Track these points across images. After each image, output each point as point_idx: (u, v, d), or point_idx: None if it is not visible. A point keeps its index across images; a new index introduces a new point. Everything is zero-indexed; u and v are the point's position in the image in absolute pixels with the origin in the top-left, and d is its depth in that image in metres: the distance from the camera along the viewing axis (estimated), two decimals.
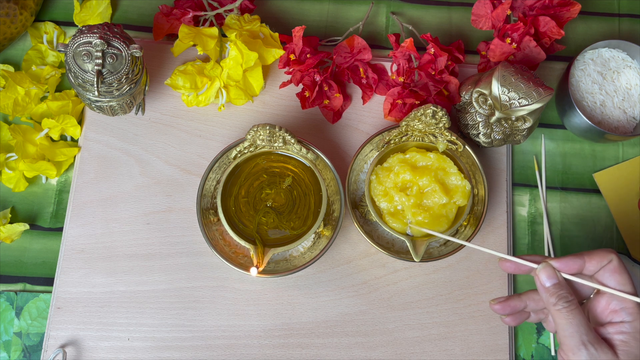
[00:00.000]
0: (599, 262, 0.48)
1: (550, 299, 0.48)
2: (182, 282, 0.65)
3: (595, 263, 0.48)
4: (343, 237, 0.67)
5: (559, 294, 0.47)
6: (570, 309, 0.47)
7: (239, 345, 0.64)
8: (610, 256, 0.48)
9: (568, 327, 0.46)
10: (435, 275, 0.66)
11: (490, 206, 0.68)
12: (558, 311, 0.47)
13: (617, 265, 0.48)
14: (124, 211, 0.67)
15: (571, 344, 0.46)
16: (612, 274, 0.48)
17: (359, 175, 0.67)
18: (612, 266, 0.48)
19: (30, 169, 0.65)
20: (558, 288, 0.48)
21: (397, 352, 0.64)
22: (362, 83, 0.70)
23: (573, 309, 0.47)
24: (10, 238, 0.65)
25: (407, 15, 0.76)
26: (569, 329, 0.46)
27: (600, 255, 0.48)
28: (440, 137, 0.65)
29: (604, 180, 0.70)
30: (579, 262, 0.48)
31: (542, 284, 0.49)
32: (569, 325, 0.46)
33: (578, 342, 0.45)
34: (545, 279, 0.48)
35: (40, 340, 0.64)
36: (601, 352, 0.45)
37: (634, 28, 0.76)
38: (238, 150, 0.64)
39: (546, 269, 0.49)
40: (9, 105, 0.67)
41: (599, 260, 0.48)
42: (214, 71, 0.67)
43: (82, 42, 0.57)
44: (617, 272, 0.48)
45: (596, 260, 0.48)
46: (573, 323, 0.46)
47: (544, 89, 0.60)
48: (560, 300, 0.47)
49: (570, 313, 0.46)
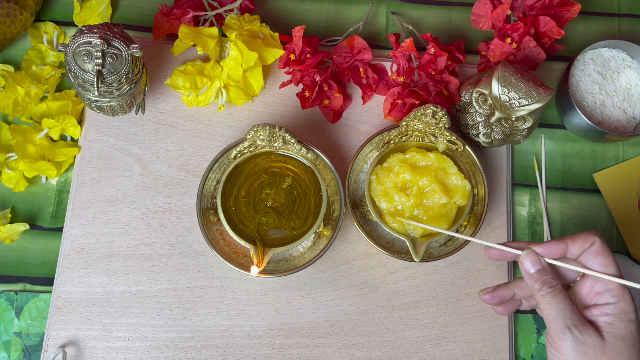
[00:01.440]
0: (581, 245, 0.48)
1: (534, 284, 0.48)
2: (182, 282, 0.65)
3: (578, 246, 0.48)
4: (343, 237, 0.67)
5: (542, 280, 0.48)
6: (554, 294, 0.47)
7: (239, 345, 0.64)
8: (593, 238, 0.48)
9: (552, 312, 0.46)
10: (435, 275, 0.66)
11: (490, 206, 0.68)
12: (542, 297, 0.47)
13: (600, 247, 0.47)
14: (124, 211, 0.67)
15: (556, 328, 0.46)
16: (595, 256, 0.48)
17: (359, 175, 0.67)
18: (594, 248, 0.48)
19: (30, 169, 0.65)
20: (542, 274, 0.48)
21: (397, 352, 0.64)
22: (362, 83, 0.70)
23: (557, 293, 0.47)
24: (10, 238, 0.65)
25: (407, 15, 0.76)
26: (554, 314, 0.46)
27: (583, 238, 0.48)
28: (440, 137, 0.65)
29: (604, 180, 0.70)
30: (561, 247, 0.49)
31: (527, 270, 0.49)
32: (553, 309, 0.46)
33: (563, 326, 0.46)
34: (529, 265, 0.49)
35: (40, 340, 0.64)
36: (586, 335, 0.45)
37: (634, 28, 0.76)
38: (238, 150, 0.64)
39: (529, 255, 0.49)
40: (9, 105, 0.67)
41: (582, 243, 0.48)
42: (214, 71, 0.67)
43: (82, 42, 0.57)
44: (600, 254, 0.47)
45: (579, 244, 0.48)
46: (557, 307, 0.46)
47: (544, 89, 0.60)
48: (544, 286, 0.47)
49: (554, 298, 0.47)
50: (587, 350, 0.45)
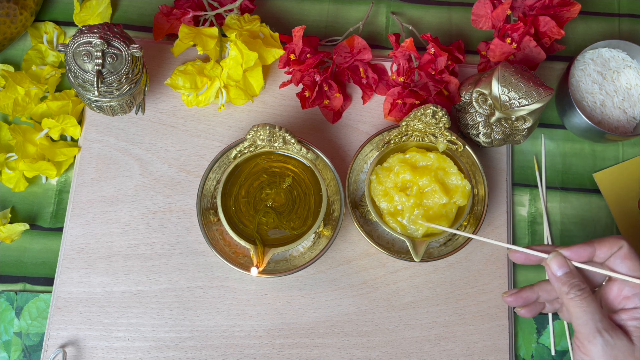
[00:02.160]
0: (609, 249, 0.48)
1: (562, 287, 0.47)
2: (182, 282, 0.65)
3: (605, 250, 0.48)
4: (343, 237, 0.67)
5: (571, 283, 0.47)
6: (583, 297, 0.46)
7: (239, 345, 0.64)
8: (621, 243, 0.47)
9: (582, 315, 0.46)
10: (435, 275, 0.66)
11: (490, 206, 0.68)
12: (571, 299, 0.47)
13: (628, 252, 0.47)
14: (124, 211, 0.67)
15: (586, 332, 0.45)
16: (623, 260, 0.47)
17: (359, 175, 0.67)
18: (622, 253, 0.47)
19: (30, 169, 0.65)
20: (570, 277, 0.48)
21: (397, 352, 0.64)
22: (362, 83, 0.70)
23: (586, 296, 0.46)
24: (10, 238, 0.65)
25: (407, 15, 0.76)
26: (583, 317, 0.46)
27: (611, 242, 0.48)
28: (440, 137, 0.65)
29: (604, 180, 0.70)
30: (589, 250, 0.48)
31: (554, 273, 0.48)
32: (583, 313, 0.46)
33: (593, 330, 0.45)
34: (556, 268, 0.48)
35: (40, 340, 0.64)
36: (616, 339, 0.45)
37: (634, 28, 0.76)
38: (238, 150, 0.64)
39: (557, 258, 0.48)
40: (9, 105, 0.67)
41: (610, 247, 0.48)
42: (214, 71, 0.67)
43: (82, 42, 0.57)
44: (628, 258, 0.47)
45: (607, 247, 0.48)
46: (587, 311, 0.46)
47: (544, 89, 0.60)
48: (573, 289, 0.47)
49: (583, 301, 0.46)
50: (617, 355, 0.45)
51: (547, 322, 0.66)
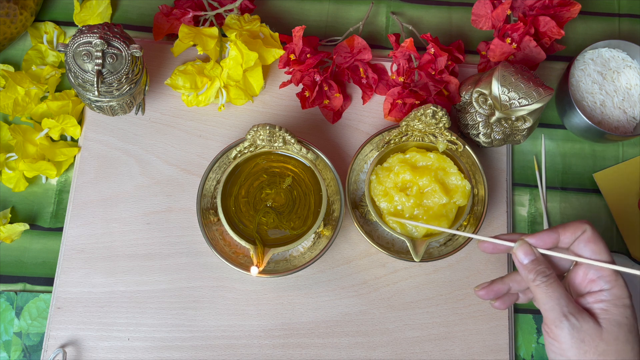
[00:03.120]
0: (573, 233, 0.48)
1: (529, 275, 0.48)
2: (182, 282, 0.65)
3: (569, 235, 0.48)
4: (343, 237, 0.67)
5: (537, 270, 0.48)
6: (548, 283, 0.47)
7: (239, 345, 0.64)
8: (584, 226, 0.48)
9: (548, 301, 0.47)
10: (435, 275, 0.66)
11: (490, 206, 0.68)
12: (537, 286, 0.47)
13: (591, 235, 0.48)
14: (124, 211, 0.67)
15: (552, 317, 0.46)
16: (586, 243, 0.48)
17: (359, 175, 0.67)
18: (586, 236, 0.48)
19: (30, 169, 0.65)
20: (536, 264, 0.48)
21: (397, 352, 0.64)
22: (362, 83, 0.70)
23: (551, 282, 0.47)
24: (10, 238, 0.65)
25: (407, 15, 0.76)
26: (549, 303, 0.46)
27: (574, 226, 0.48)
28: (440, 137, 0.65)
29: (604, 180, 0.70)
30: (553, 236, 0.49)
31: (520, 261, 0.49)
32: (548, 298, 0.47)
33: (559, 314, 0.46)
34: (522, 256, 0.49)
35: (40, 340, 0.64)
36: (583, 322, 0.45)
37: (634, 28, 0.76)
38: (238, 150, 0.64)
39: (522, 246, 0.49)
40: (9, 105, 0.67)
41: (573, 231, 0.48)
42: (214, 71, 0.67)
43: (82, 42, 0.57)
44: (592, 242, 0.48)
45: (570, 232, 0.48)
46: (553, 296, 0.46)
47: (544, 89, 0.60)
48: (539, 276, 0.47)
49: (549, 287, 0.47)
50: (584, 337, 0.45)
51: None
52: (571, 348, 0.45)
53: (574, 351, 0.45)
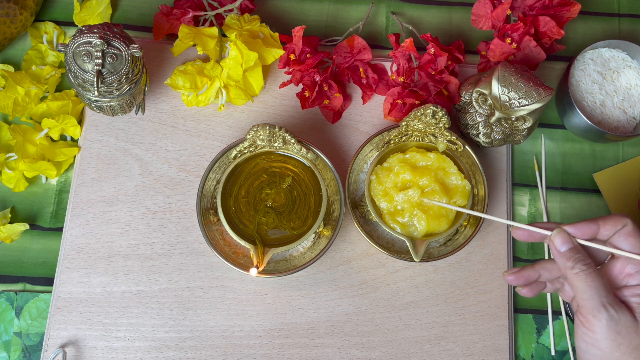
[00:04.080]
0: (613, 226, 0.48)
1: (567, 263, 0.47)
2: (182, 282, 0.65)
3: (609, 227, 0.48)
4: (343, 237, 0.67)
5: (575, 258, 0.47)
6: (588, 272, 0.46)
7: (239, 345, 0.64)
8: (625, 220, 0.47)
9: (587, 290, 0.46)
10: (435, 275, 0.66)
11: (490, 206, 0.68)
12: (576, 274, 0.46)
13: (632, 229, 0.47)
14: (124, 211, 0.67)
15: (590, 306, 0.45)
16: (626, 237, 0.47)
17: (359, 175, 0.67)
18: (626, 230, 0.47)
19: (30, 169, 0.65)
20: (574, 252, 0.47)
21: (397, 352, 0.64)
22: (362, 83, 0.70)
23: (591, 271, 0.46)
24: (10, 238, 0.65)
25: (407, 15, 0.76)
26: (588, 292, 0.46)
27: (615, 219, 0.48)
28: (440, 137, 0.65)
29: (604, 180, 0.70)
30: (593, 227, 0.48)
31: (558, 249, 0.48)
32: (587, 287, 0.46)
33: (598, 304, 0.45)
34: (560, 244, 0.48)
35: (40, 340, 0.64)
36: (621, 314, 0.45)
37: (634, 28, 0.76)
38: (238, 150, 0.64)
39: (561, 234, 0.48)
40: (9, 105, 0.67)
41: (613, 224, 0.48)
42: (214, 71, 0.67)
43: (82, 42, 0.57)
44: (632, 236, 0.47)
45: (610, 225, 0.48)
46: (592, 285, 0.46)
47: (544, 89, 0.60)
48: (578, 264, 0.47)
49: (588, 276, 0.46)
50: (620, 330, 0.45)
51: (547, 322, 0.66)
52: (605, 339, 0.45)
53: (608, 342, 0.45)
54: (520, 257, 0.68)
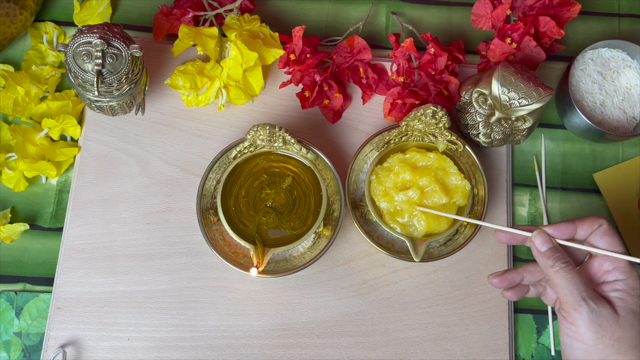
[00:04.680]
0: (589, 226, 0.50)
1: (547, 262, 0.49)
2: (182, 282, 0.65)
3: (586, 228, 0.50)
4: (343, 237, 0.67)
5: (555, 256, 0.49)
6: (567, 269, 0.48)
7: (239, 345, 0.64)
8: (600, 221, 0.50)
9: (567, 285, 0.47)
10: (435, 275, 0.66)
11: (490, 206, 0.68)
12: (556, 272, 0.48)
13: (607, 229, 0.50)
14: (124, 211, 0.67)
15: (571, 301, 0.47)
16: (602, 236, 0.50)
17: (359, 175, 0.67)
18: (602, 230, 0.50)
19: (30, 169, 0.65)
20: (554, 251, 0.49)
21: (397, 352, 0.64)
22: (362, 83, 0.70)
23: (570, 268, 0.48)
24: (10, 238, 0.65)
25: (407, 15, 0.76)
26: (568, 287, 0.47)
27: (591, 220, 0.50)
28: (440, 137, 0.65)
29: (604, 180, 0.70)
30: (570, 228, 0.50)
31: (538, 249, 0.50)
32: (568, 283, 0.47)
33: (578, 298, 0.47)
34: (540, 244, 0.50)
35: (40, 340, 0.64)
36: (601, 307, 0.47)
37: (634, 28, 0.76)
38: (238, 150, 0.64)
39: (540, 234, 0.50)
40: (9, 105, 0.67)
41: (590, 225, 0.50)
42: (214, 71, 0.67)
43: (82, 42, 0.57)
44: (608, 235, 0.49)
45: (587, 225, 0.50)
46: (572, 281, 0.47)
47: (544, 89, 0.60)
48: (558, 262, 0.49)
49: (568, 272, 0.48)
50: (602, 322, 0.46)
51: (547, 322, 0.66)
52: (588, 332, 0.46)
53: (591, 335, 0.46)
54: (520, 257, 0.68)
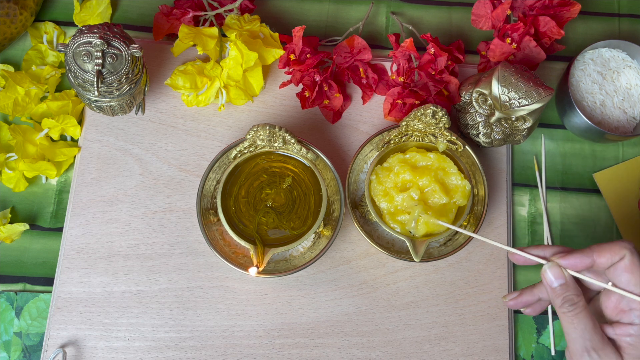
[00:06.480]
0: (610, 258, 0.46)
1: (556, 300, 0.46)
2: (182, 282, 0.65)
3: (605, 260, 0.46)
4: (343, 237, 0.67)
5: (564, 296, 0.46)
6: (574, 313, 0.45)
7: (239, 345, 0.64)
8: (623, 252, 0.45)
9: (572, 332, 0.45)
10: (435, 275, 0.66)
11: (490, 206, 0.68)
12: (563, 314, 0.46)
13: (629, 264, 0.45)
14: (124, 211, 0.67)
15: (574, 349, 0.45)
16: (623, 272, 0.45)
17: (359, 175, 0.67)
18: (623, 264, 0.45)
19: (30, 169, 0.65)
20: (564, 289, 0.46)
21: (397, 352, 0.64)
22: (362, 83, 0.70)
23: (578, 312, 0.45)
24: (10, 238, 0.65)
25: (407, 15, 0.76)
26: (573, 334, 0.45)
27: (612, 250, 0.46)
28: (440, 137, 0.65)
29: (604, 180, 0.70)
30: (587, 260, 0.46)
31: (549, 284, 0.47)
32: (573, 330, 0.45)
33: (581, 348, 0.45)
34: (552, 279, 0.47)
35: (40, 340, 0.64)
36: (605, 357, 0.44)
37: (634, 28, 0.76)
38: (238, 150, 0.64)
39: (553, 268, 0.47)
40: (9, 105, 0.67)
41: (611, 256, 0.46)
42: (214, 71, 0.67)
43: (82, 42, 0.57)
44: (629, 271, 0.45)
45: (607, 257, 0.46)
46: (577, 328, 0.45)
47: (544, 89, 0.60)
48: (566, 303, 0.46)
49: (575, 317, 0.45)
50: None
51: (547, 322, 0.66)
52: None
53: None
54: None
